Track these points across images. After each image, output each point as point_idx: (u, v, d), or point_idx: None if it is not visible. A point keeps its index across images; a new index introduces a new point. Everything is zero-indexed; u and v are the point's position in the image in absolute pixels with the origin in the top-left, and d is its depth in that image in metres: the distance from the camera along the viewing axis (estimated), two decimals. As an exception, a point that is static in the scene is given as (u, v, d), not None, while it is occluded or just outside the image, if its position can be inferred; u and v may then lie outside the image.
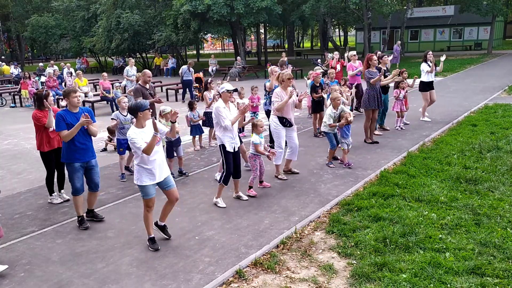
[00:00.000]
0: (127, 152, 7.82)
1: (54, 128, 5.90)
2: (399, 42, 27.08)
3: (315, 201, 6.26)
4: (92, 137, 5.77)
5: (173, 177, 6.84)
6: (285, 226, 5.49)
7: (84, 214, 5.90)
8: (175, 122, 5.14)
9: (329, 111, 7.74)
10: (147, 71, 8.59)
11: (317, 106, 9.93)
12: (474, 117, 11.02)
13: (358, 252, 4.72)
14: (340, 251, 4.79)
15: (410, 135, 9.77)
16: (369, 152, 8.58)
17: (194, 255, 4.87)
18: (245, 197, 6.46)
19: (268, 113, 9.07)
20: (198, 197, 6.58)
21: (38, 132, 6.40)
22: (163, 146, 6.14)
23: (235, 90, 6.29)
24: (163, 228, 5.33)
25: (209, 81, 9.88)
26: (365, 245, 4.82)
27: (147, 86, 8.47)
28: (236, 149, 6.24)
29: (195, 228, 5.55)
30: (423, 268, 4.29)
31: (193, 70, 17.64)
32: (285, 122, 7.13)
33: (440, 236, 4.92)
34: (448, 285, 4.02)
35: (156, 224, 5.32)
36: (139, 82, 8.58)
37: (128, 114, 7.77)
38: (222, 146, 6.15)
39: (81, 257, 4.95)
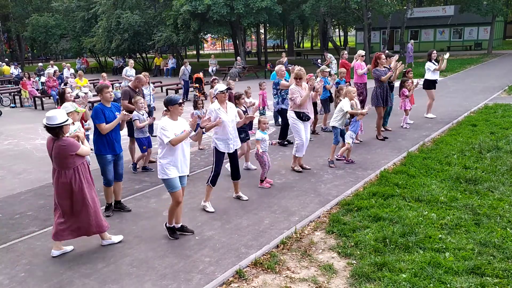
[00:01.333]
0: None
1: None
2: (412, 41, 27.13)
3: (315, 201, 6.27)
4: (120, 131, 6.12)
5: None
6: (285, 226, 5.50)
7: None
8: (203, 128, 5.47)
9: (346, 101, 7.79)
10: (141, 77, 8.50)
11: None
12: (474, 117, 11.03)
13: (358, 252, 4.72)
14: (340, 251, 4.80)
15: (410, 135, 9.78)
16: (369, 152, 8.58)
17: (194, 255, 4.88)
18: (245, 197, 6.46)
19: (279, 112, 9.20)
20: (198, 197, 6.58)
21: None
22: None
23: (228, 89, 6.24)
24: (182, 229, 5.40)
25: (211, 79, 9.98)
26: (365, 245, 4.82)
27: (137, 90, 8.43)
28: (232, 151, 6.14)
29: (195, 228, 5.55)
30: (423, 268, 4.29)
31: (183, 68, 17.91)
32: (302, 116, 7.32)
33: (440, 236, 4.93)
34: (448, 285, 4.02)
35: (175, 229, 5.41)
36: (129, 84, 8.59)
37: (145, 113, 7.87)
38: (215, 148, 6.08)
39: (81, 257, 4.95)
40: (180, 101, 5.04)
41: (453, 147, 8.40)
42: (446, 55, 11.06)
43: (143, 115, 7.86)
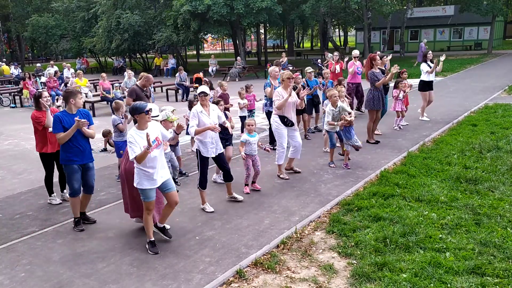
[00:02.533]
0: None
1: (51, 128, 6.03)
2: (425, 40, 26.99)
3: (315, 201, 6.27)
4: (90, 138, 5.74)
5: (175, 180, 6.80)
6: (285, 226, 5.50)
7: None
8: (179, 133, 5.20)
9: (327, 108, 7.76)
10: (150, 76, 8.50)
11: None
12: (474, 117, 11.03)
13: (358, 252, 4.72)
14: (340, 251, 4.80)
15: (410, 135, 9.78)
16: (369, 152, 8.58)
17: (195, 255, 4.88)
18: (240, 198, 6.40)
19: (268, 114, 9.10)
20: (198, 197, 6.56)
21: (37, 132, 6.38)
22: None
23: (203, 92, 5.98)
24: (163, 230, 5.30)
25: (203, 81, 9.95)
26: (365, 245, 4.82)
27: (145, 89, 8.41)
28: (214, 155, 6.03)
29: (196, 228, 5.56)
30: (423, 268, 4.29)
31: (177, 75, 18.46)
32: (286, 121, 7.14)
33: (440, 236, 4.92)
34: (448, 285, 4.02)
35: (155, 225, 5.30)
36: (138, 83, 8.56)
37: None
38: (198, 151, 6.03)
39: (81, 257, 4.95)
40: (147, 109, 4.72)
41: (453, 147, 8.40)
42: (443, 57, 11.03)
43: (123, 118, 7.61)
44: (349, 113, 7.66)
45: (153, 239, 5.06)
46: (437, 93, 11.54)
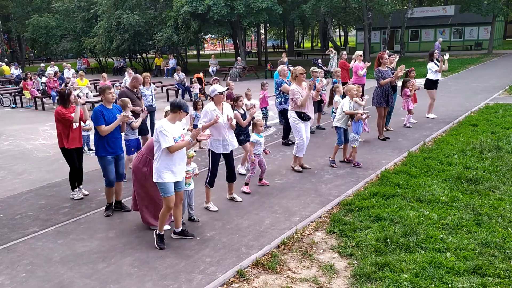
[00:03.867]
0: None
1: (77, 124, 6.54)
2: (440, 39, 26.87)
3: (316, 201, 6.27)
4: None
5: None
6: (286, 226, 5.50)
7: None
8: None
9: (346, 100, 7.74)
10: (138, 76, 8.52)
11: None
12: (475, 117, 11.02)
13: (359, 252, 4.72)
14: (341, 251, 4.80)
15: (411, 135, 9.78)
16: (370, 152, 8.58)
17: (195, 255, 4.88)
18: (239, 199, 6.42)
19: (282, 112, 9.21)
20: (199, 198, 6.57)
21: (61, 129, 6.52)
22: None
23: (226, 90, 6.20)
24: (182, 233, 5.31)
25: (212, 79, 10.00)
26: (366, 245, 4.82)
27: (135, 90, 8.41)
28: (228, 151, 6.15)
29: (196, 228, 5.55)
30: (424, 268, 4.29)
31: (175, 75, 18.75)
32: (303, 116, 7.34)
33: (441, 236, 4.92)
34: (449, 285, 4.02)
35: (175, 233, 5.32)
36: (127, 85, 8.56)
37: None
38: (209, 150, 6.14)
39: (82, 258, 4.96)
40: (188, 110, 5.06)
41: (454, 147, 8.40)
42: (446, 56, 11.13)
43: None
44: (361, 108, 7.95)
45: (162, 233, 5.11)
46: (438, 93, 11.55)
